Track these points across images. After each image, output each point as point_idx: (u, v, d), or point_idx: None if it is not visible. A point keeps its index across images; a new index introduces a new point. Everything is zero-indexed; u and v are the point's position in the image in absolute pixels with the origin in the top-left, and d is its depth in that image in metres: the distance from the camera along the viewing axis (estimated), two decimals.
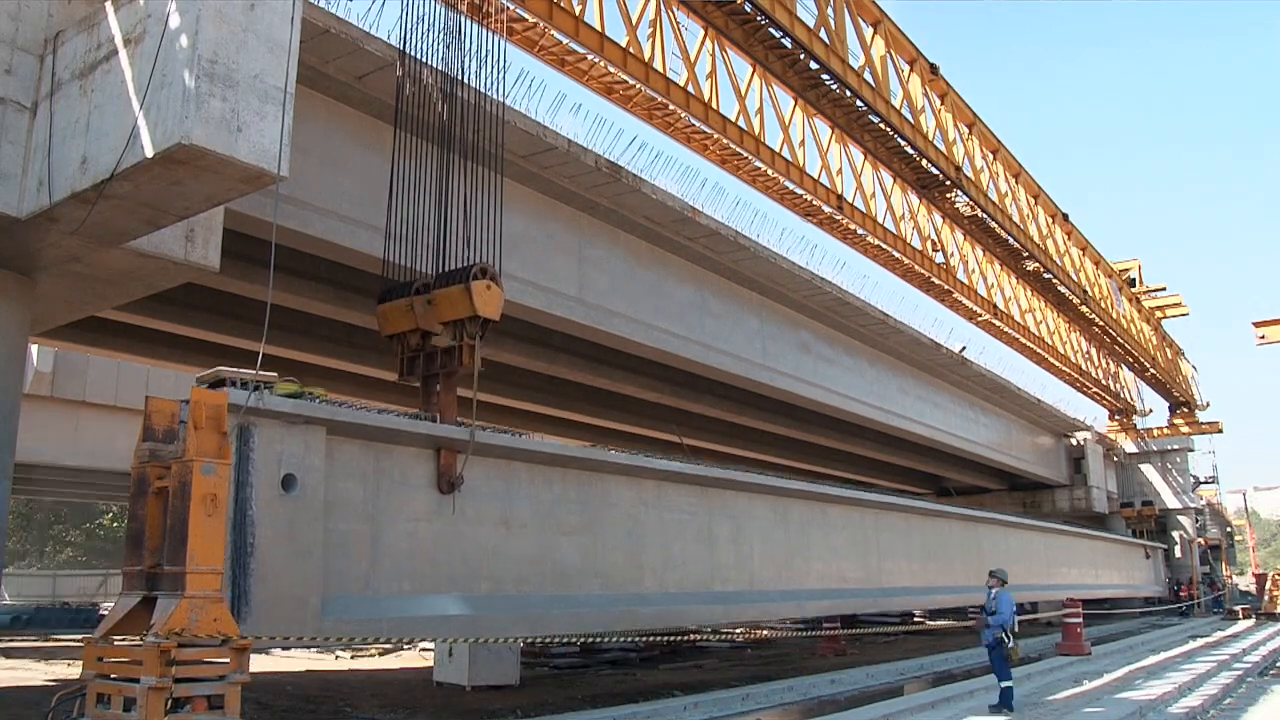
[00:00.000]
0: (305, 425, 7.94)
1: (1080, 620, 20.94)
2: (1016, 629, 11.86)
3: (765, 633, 26.44)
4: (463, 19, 9.96)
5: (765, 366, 18.69)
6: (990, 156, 25.92)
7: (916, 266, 23.82)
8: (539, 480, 10.49)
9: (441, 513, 9.19)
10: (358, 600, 8.35)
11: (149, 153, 6.04)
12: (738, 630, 25.94)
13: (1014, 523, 25.84)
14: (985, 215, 24.50)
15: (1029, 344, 31.78)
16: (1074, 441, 37.18)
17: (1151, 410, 45.83)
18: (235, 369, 7.72)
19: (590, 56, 14.11)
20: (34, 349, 20.63)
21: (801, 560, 15.21)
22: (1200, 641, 24.39)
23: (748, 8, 15.40)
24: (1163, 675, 15.80)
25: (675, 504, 12.53)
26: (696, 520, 12.86)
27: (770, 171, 17.90)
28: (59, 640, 20.71)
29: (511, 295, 11.15)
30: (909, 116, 20.32)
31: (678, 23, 15.51)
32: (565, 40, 13.66)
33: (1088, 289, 33.26)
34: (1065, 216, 31.94)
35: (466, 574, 9.40)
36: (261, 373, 7.45)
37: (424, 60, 9.86)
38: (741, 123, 16.79)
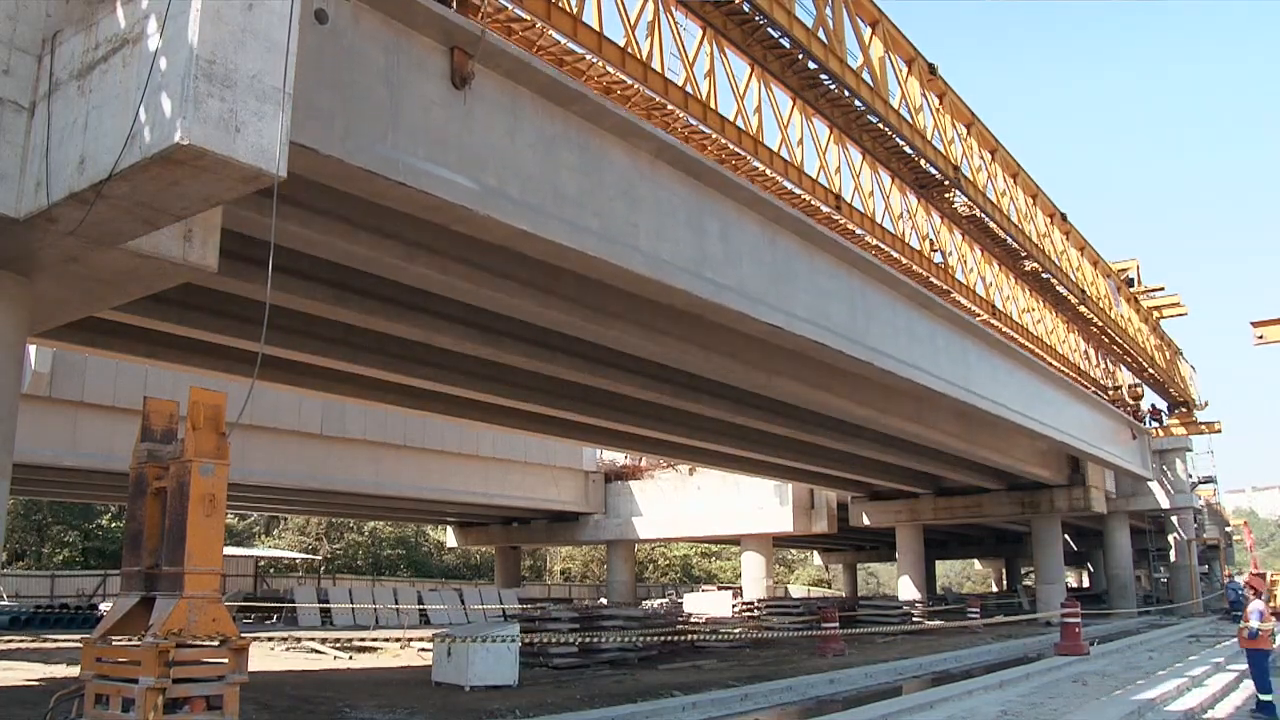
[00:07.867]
0: None
1: (1078, 620, 21.12)
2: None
3: (764, 633, 26.45)
4: None
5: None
6: (989, 156, 25.90)
7: (915, 266, 23.80)
8: (542, 113, 11.00)
9: (454, 104, 9.79)
10: (379, 145, 8.92)
11: (147, 153, 6.04)
12: (735, 629, 25.94)
13: (1007, 349, 25.61)
14: (984, 215, 24.49)
15: (1027, 343, 31.74)
16: None
17: (1154, 411, 45.77)
18: None
19: (588, 56, 14.10)
20: (32, 349, 20.63)
21: (788, 286, 15.40)
22: (1198, 642, 24.42)
23: (746, 7, 15.38)
24: (1161, 674, 15.81)
25: (668, 185, 12.97)
26: (687, 207, 13.23)
27: (769, 171, 17.86)
28: (57, 641, 20.69)
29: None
30: (907, 116, 20.30)
31: (676, 23, 15.48)
32: (563, 40, 13.65)
33: (1086, 289, 33.24)
34: (1064, 216, 31.92)
35: (475, 164, 9.95)
36: None
37: None
38: (740, 122, 16.77)
